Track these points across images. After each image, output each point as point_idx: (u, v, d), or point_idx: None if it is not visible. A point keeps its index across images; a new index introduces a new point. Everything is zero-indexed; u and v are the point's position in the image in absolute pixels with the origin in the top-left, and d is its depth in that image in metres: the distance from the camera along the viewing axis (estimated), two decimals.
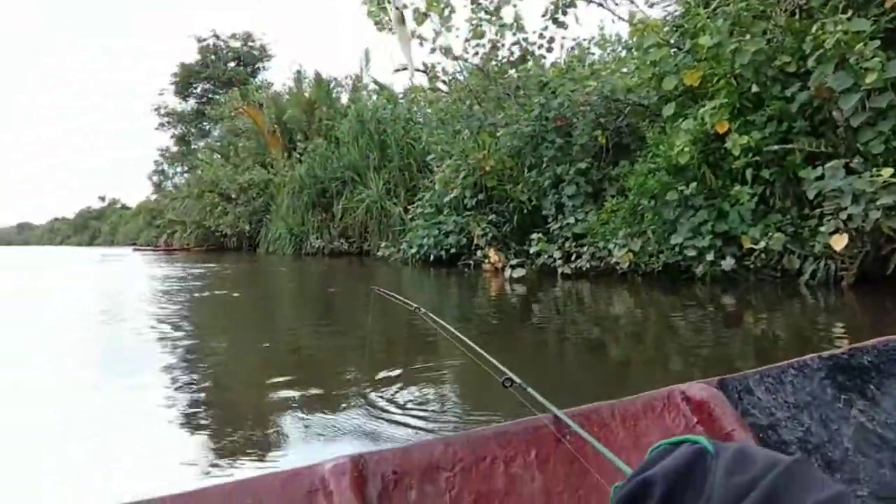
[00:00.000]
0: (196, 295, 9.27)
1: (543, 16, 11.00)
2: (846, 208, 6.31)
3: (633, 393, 1.51)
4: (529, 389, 1.44)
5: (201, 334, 5.76)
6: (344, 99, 27.16)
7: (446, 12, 11.62)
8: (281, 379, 3.65)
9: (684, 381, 1.54)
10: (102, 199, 77.02)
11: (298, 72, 28.80)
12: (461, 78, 13.46)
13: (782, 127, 7.33)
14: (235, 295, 9.63)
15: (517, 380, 1.47)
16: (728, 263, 7.44)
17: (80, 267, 20.11)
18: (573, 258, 9.39)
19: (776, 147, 7.26)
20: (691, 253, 7.64)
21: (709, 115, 7.53)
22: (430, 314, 2.00)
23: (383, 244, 16.55)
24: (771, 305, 6.23)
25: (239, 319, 7.00)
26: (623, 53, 12.18)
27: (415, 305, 2.03)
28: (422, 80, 13.90)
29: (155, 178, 52.96)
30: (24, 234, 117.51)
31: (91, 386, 3.82)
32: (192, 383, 3.68)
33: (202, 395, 3.44)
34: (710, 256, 7.49)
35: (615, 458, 1.15)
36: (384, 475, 1.19)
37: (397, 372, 3.69)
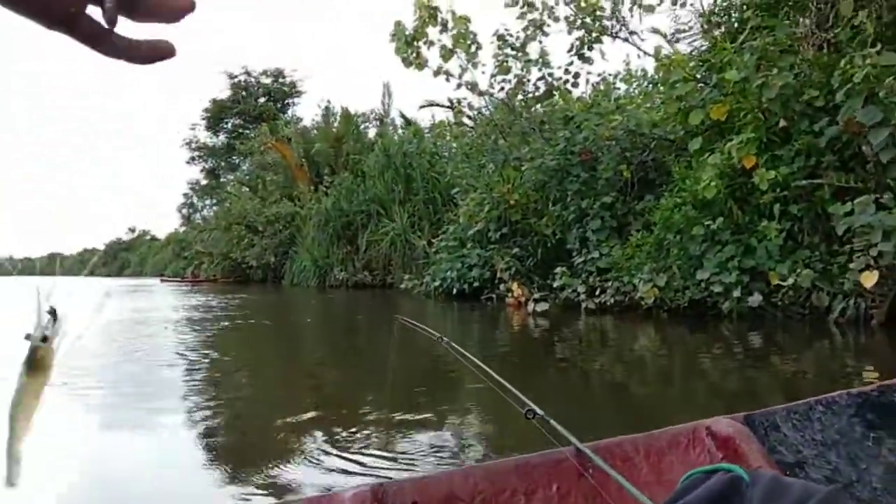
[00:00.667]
0: (223, 324, 9.33)
1: (569, 51, 11.10)
2: (876, 244, 6.18)
3: (657, 429, 1.48)
4: (552, 422, 1.41)
5: (226, 362, 5.77)
6: (371, 133, 27.54)
7: (472, 49, 11.77)
8: (302, 408, 3.63)
9: (710, 413, 1.50)
10: (132, 230, 78.48)
11: (327, 107, 29.34)
12: (487, 113, 13.58)
13: (811, 162, 7.25)
14: (266, 323, 9.67)
15: (539, 411, 1.44)
16: (755, 300, 7.31)
17: (111, 298, 20.37)
18: (597, 293, 9.30)
19: (804, 182, 7.17)
20: (717, 289, 7.53)
21: (736, 150, 7.47)
22: (453, 344, 1.98)
23: (407, 277, 16.58)
24: (799, 344, 6.10)
25: (264, 349, 7.01)
26: (649, 88, 12.21)
27: (438, 335, 2.02)
28: (448, 115, 14.04)
29: (184, 211, 53.85)
30: (54, 265, 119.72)
31: (116, 409, 3.84)
32: (215, 410, 3.68)
33: (224, 421, 3.43)
34: (736, 293, 7.37)
35: (639, 494, 1.11)
36: None
37: (419, 401, 3.66)
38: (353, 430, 3.11)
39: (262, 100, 45.44)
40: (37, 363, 0.41)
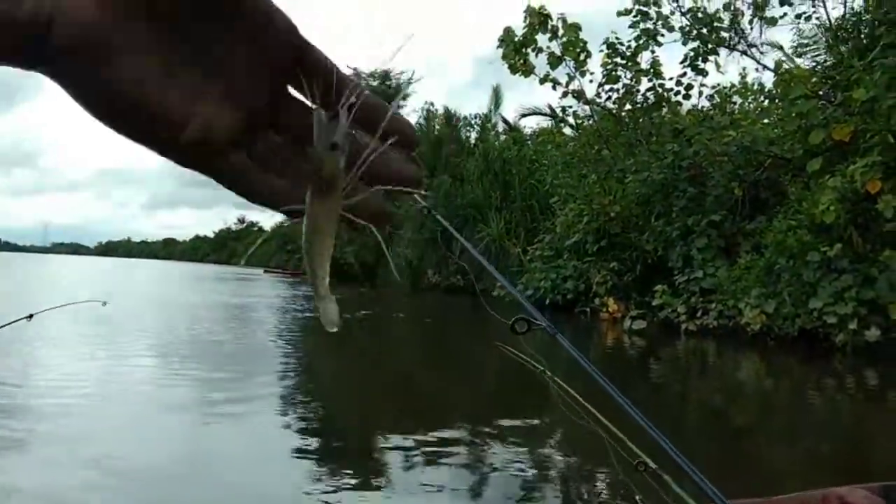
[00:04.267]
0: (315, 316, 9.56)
1: (682, 62, 10.74)
2: None
3: (760, 481, 1.37)
4: (666, 478, 1.32)
5: (315, 354, 5.90)
6: (472, 138, 27.59)
7: (581, 56, 11.59)
8: (397, 431, 3.56)
9: (821, 467, 1.38)
10: (241, 221, 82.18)
11: (428, 109, 29.59)
12: (591, 122, 13.34)
13: None
14: (365, 313, 9.86)
15: (652, 465, 1.35)
16: (873, 334, 6.83)
17: (223, 286, 21.33)
18: (699, 314, 8.95)
19: None
20: (832, 320, 7.09)
21: (859, 173, 7.00)
22: (557, 379, 1.88)
23: (499, 284, 16.46)
24: None
25: (354, 352, 7.10)
26: (766, 103, 11.64)
27: (541, 368, 1.93)
28: (549, 123, 13.80)
29: None
30: (167, 249, 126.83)
31: (226, 387, 3.96)
32: (307, 406, 3.73)
33: (315, 418, 3.47)
34: (852, 325, 6.91)
35: None
36: None
37: (518, 438, 3.54)
38: (454, 464, 3.05)
39: None
40: (326, 179, 0.29)
